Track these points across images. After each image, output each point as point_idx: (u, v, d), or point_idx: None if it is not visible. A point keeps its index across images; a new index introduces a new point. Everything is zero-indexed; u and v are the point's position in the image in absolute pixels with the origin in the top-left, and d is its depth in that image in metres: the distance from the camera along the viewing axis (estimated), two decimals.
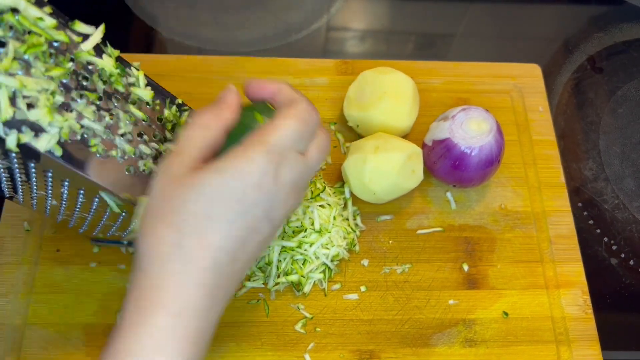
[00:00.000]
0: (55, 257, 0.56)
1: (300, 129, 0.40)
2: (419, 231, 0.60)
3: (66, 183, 0.42)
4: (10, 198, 0.46)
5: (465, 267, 0.58)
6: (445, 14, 0.80)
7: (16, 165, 0.39)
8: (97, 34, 0.42)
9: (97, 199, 0.43)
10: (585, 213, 0.65)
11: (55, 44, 0.40)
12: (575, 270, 0.59)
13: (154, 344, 0.36)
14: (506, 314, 0.56)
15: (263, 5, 0.77)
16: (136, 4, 0.77)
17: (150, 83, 0.47)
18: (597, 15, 0.80)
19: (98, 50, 0.43)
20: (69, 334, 0.53)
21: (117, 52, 0.44)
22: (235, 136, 0.41)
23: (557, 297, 0.58)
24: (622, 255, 0.63)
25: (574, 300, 0.57)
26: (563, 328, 0.56)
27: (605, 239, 0.63)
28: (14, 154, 0.38)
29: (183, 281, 0.37)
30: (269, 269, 0.55)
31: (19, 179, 0.42)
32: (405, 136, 0.64)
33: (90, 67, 0.42)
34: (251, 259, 0.41)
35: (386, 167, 0.55)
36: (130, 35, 0.69)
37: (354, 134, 0.64)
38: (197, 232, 0.37)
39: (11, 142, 0.36)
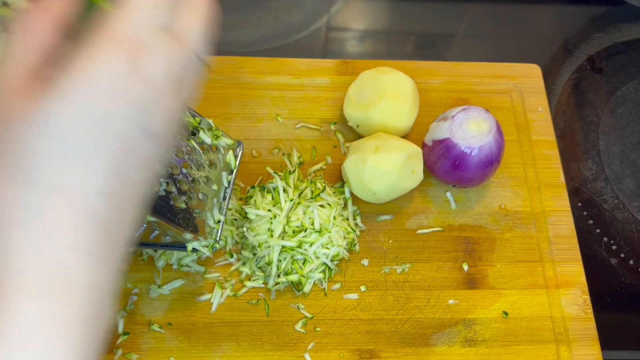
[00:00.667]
0: None
1: None
2: (419, 231, 0.60)
3: None
4: None
5: (465, 267, 0.58)
6: (445, 14, 0.80)
7: None
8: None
9: None
10: (585, 213, 0.65)
11: None
12: (574, 270, 0.59)
13: (19, 336, 0.27)
14: (506, 313, 0.57)
15: (263, 6, 0.77)
16: None
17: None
18: (596, 15, 0.80)
19: None
20: None
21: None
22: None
23: (556, 297, 0.58)
24: (622, 255, 0.63)
25: (573, 300, 0.58)
26: (563, 328, 0.56)
27: (605, 239, 0.63)
28: None
29: (46, 251, 0.27)
30: (269, 269, 0.55)
31: None
32: (405, 136, 0.64)
33: None
34: (140, 185, 0.31)
35: (386, 168, 0.56)
36: None
37: (354, 134, 0.64)
38: (51, 179, 0.27)
39: None
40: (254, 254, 0.56)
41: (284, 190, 0.56)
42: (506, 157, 0.63)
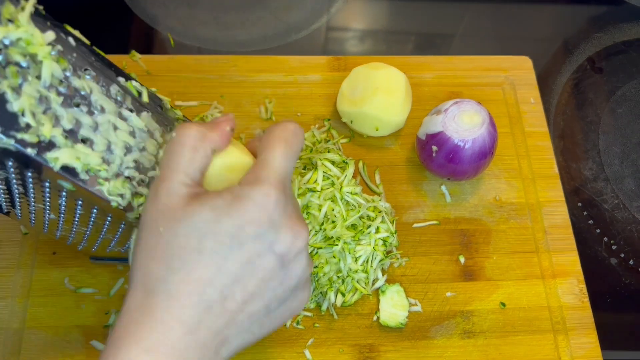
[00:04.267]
0: (52, 260, 0.56)
1: (289, 151, 0.39)
2: (415, 225, 0.60)
3: (63, 193, 0.41)
4: (7, 213, 0.45)
5: (462, 260, 0.59)
6: (445, 14, 0.80)
7: (13, 176, 0.39)
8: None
9: (95, 210, 0.43)
10: (585, 213, 0.65)
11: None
12: (570, 259, 0.59)
13: None
14: (503, 304, 0.57)
15: (263, 5, 0.77)
16: (136, 4, 0.76)
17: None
18: (596, 15, 0.80)
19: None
20: (68, 337, 0.53)
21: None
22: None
23: (553, 287, 0.58)
24: (622, 255, 0.63)
25: (570, 290, 0.58)
26: (560, 317, 0.57)
27: (605, 239, 0.64)
28: (10, 164, 0.37)
29: (161, 316, 0.35)
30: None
31: (16, 191, 0.41)
32: (399, 131, 0.64)
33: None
34: (254, 296, 0.37)
35: None
36: (130, 35, 0.69)
37: (348, 129, 0.64)
38: (185, 267, 0.35)
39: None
40: None
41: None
42: (500, 149, 0.63)
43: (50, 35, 0.38)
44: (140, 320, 0.35)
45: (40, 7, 0.39)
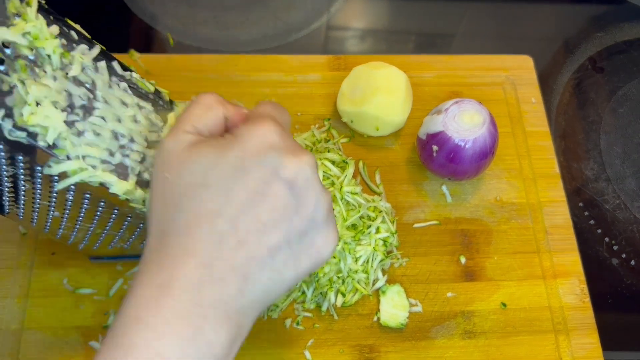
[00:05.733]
0: (51, 260, 0.55)
1: (277, 109, 0.40)
2: (416, 225, 0.60)
3: (72, 187, 0.41)
4: (8, 213, 0.45)
5: (463, 260, 0.58)
6: (445, 14, 0.80)
7: (22, 172, 0.39)
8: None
9: (102, 203, 0.43)
10: (586, 213, 0.65)
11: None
12: (571, 259, 0.59)
13: (136, 317, 0.34)
14: (504, 305, 0.57)
15: (263, 5, 0.77)
16: (135, 3, 0.76)
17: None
18: (597, 14, 0.80)
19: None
20: (67, 337, 0.52)
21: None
22: None
23: (554, 287, 0.58)
24: (623, 256, 0.63)
25: (571, 290, 0.58)
26: (561, 317, 0.56)
27: (606, 239, 0.63)
28: (21, 158, 0.37)
29: (173, 252, 0.35)
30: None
31: (22, 188, 0.41)
32: (399, 130, 0.64)
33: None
34: (266, 226, 0.36)
35: None
36: (130, 34, 0.69)
37: (349, 129, 0.64)
38: (192, 203, 0.35)
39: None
40: None
41: None
42: (500, 149, 0.63)
43: (55, 29, 0.38)
44: (154, 261, 0.35)
45: (43, 2, 0.39)
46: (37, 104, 0.36)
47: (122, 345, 0.33)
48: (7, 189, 0.41)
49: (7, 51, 0.35)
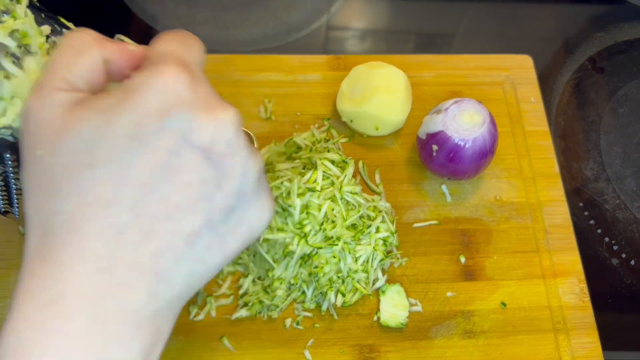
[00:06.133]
0: None
1: (176, 35, 0.31)
2: (415, 224, 0.60)
3: None
4: (5, 213, 0.45)
5: (462, 259, 0.58)
6: (445, 14, 0.80)
7: (11, 170, 0.39)
8: None
9: None
10: (586, 213, 0.65)
11: None
12: (571, 259, 0.59)
13: (17, 346, 0.27)
14: (504, 304, 0.57)
15: (263, 5, 0.77)
16: (135, 3, 0.76)
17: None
18: (597, 14, 0.80)
19: None
20: None
21: None
22: None
23: (554, 286, 0.58)
24: (623, 256, 0.63)
25: (570, 289, 0.58)
26: (561, 317, 0.56)
27: (606, 239, 0.63)
28: (8, 156, 0.37)
29: (59, 258, 0.27)
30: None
31: (14, 187, 0.41)
32: (399, 130, 0.64)
33: None
34: (179, 209, 0.28)
35: None
36: (129, 34, 0.69)
37: (348, 129, 0.64)
38: (78, 189, 0.27)
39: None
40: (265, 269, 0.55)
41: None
42: (500, 149, 0.63)
43: (46, 29, 0.38)
44: (36, 269, 0.28)
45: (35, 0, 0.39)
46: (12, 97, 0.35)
47: None
48: (0, 187, 0.41)
49: None
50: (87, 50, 0.30)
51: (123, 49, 0.31)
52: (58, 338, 0.26)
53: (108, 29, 0.43)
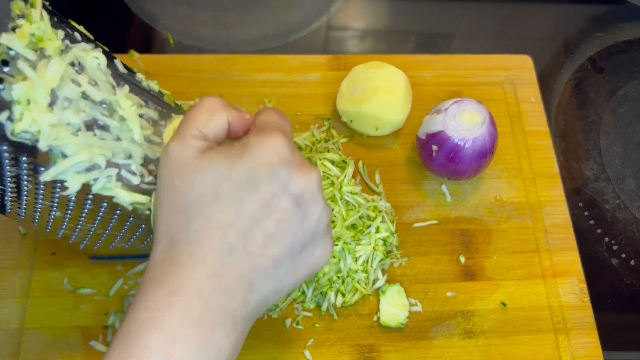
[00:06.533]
0: (51, 260, 0.55)
1: (281, 115, 0.40)
2: (415, 224, 0.60)
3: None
4: (9, 214, 0.45)
5: (462, 259, 0.58)
6: (445, 14, 0.80)
7: (25, 172, 0.39)
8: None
9: (105, 204, 0.43)
10: (586, 213, 0.65)
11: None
12: (571, 259, 0.59)
13: (149, 319, 0.34)
14: (504, 304, 0.57)
15: (263, 5, 0.77)
16: (135, 3, 0.76)
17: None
18: (597, 14, 0.80)
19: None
20: (67, 337, 0.52)
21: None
22: None
23: (554, 287, 0.58)
24: (623, 256, 0.63)
25: (570, 289, 0.58)
26: (561, 317, 0.56)
27: (606, 239, 0.63)
28: (25, 158, 0.37)
29: (184, 261, 0.36)
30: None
31: (25, 188, 0.41)
32: (399, 130, 0.64)
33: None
34: (273, 239, 0.37)
35: None
36: (130, 34, 0.69)
37: (348, 129, 0.64)
38: (204, 213, 0.36)
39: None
40: None
41: None
42: (500, 149, 0.63)
43: (60, 33, 0.38)
44: (165, 268, 0.36)
45: (47, 3, 0.39)
46: (29, 102, 0.36)
47: (135, 346, 0.33)
48: (9, 189, 0.41)
49: (12, 53, 0.35)
50: (218, 111, 0.39)
51: (241, 115, 0.40)
52: (179, 315, 0.34)
53: (108, 29, 0.43)
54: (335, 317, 0.55)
